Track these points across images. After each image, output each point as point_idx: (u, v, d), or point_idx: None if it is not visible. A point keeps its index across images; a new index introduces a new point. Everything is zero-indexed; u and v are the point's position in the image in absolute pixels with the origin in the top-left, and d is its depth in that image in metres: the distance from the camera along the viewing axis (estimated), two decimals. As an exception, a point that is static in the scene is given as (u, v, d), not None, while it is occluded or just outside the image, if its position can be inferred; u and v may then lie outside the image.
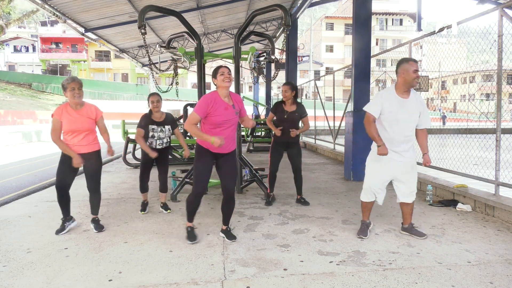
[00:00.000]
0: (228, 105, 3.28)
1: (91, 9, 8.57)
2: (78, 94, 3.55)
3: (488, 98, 31.44)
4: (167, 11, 5.20)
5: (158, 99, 4.31)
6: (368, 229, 3.61)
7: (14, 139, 16.13)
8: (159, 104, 4.31)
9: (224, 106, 3.26)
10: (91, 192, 3.85)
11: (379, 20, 48.65)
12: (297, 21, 12.44)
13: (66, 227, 3.74)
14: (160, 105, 4.33)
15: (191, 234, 3.48)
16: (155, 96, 4.33)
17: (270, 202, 4.80)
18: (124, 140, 8.52)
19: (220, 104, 3.25)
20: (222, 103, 3.26)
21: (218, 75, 3.28)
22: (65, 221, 3.77)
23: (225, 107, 3.26)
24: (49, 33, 47.74)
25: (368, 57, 6.57)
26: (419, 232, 3.54)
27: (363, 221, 3.66)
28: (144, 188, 4.53)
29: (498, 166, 4.31)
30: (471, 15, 4.64)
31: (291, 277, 2.72)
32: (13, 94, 34.82)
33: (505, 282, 2.62)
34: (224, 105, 3.26)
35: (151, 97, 4.33)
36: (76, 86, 3.53)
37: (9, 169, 8.97)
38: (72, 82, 3.54)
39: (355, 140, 6.49)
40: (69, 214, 3.81)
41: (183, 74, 40.97)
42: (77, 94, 3.54)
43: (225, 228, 3.59)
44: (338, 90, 38.69)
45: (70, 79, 3.57)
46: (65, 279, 2.71)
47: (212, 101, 3.22)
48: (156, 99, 4.30)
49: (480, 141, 6.77)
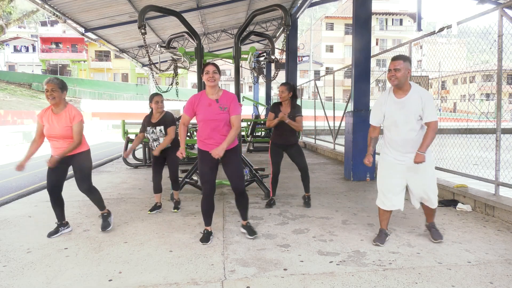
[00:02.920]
0: (211, 101, 3.26)
1: (91, 9, 8.57)
2: (51, 95, 3.38)
3: (488, 98, 31.44)
4: (167, 11, 5.20)
5: (162, 99, 4.35)
6: (386, 238, 3.42)
7: (14, 139, 16.13)
8: (162, 105, 4.35)
9: (208, 102, 3.27)
10: (86, 194, 3.75)
11: (379, 20, 48.65)
12: (297, 21, 12.43)
13: (60, 231, 3.67)
14: (163, 105, 4.38)
15: (203, 237, 3.47)
16: (159, 96, 4.36)
17: (271, 204, 4.73)
18: (124, 140, 8.52)
19: (204, 101, 3.27)
20: (206, 99, 3.28)
21: (204, 73, 3.29)
22: (60, 225, 3.69)
23: (208, 103, 3.27)
24: (49, 33, 47.78)
25: (368, 57, 6.57)
26: (436, 234, 3.42)
27: (382, 229, 3.48)
28: (156, 189, 4.51)
29: (498, 166, 4.31)
30: (471, 15, 4.64)
31: (291, 277, 2.72)
32: (13, 94, 34.82)
33: (505, 282, 2.62)
34: (207, 101, 3.27)
35: (156, 97, 4.33)
36: (49, 88, 3.37)
37: (9, 169, 8.96)
38: (46, 84, 3.40)
39: (355, 140, 6.49)
40: (64, 219, 3.73)
41: (183, 74, 40.98)
42: (50, 95, 3.38)
43: (245, 223, 3.62)
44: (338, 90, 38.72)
45: (46, 80, 3.43)
46: (65, 279, 2.71)
47: (197, 99, 3.30)
48: (161, 99, 4.34)
49: (480, 141, 6.77)
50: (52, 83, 3.40)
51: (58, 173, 3.58)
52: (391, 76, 3.17)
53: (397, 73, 3.13)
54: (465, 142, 7.16)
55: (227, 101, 3.32)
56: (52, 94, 3.39)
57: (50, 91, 3.39)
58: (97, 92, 39.20)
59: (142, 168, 8.17)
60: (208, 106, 3.26)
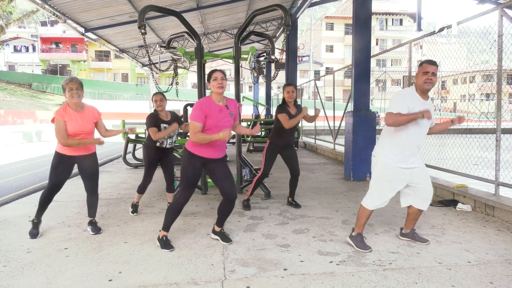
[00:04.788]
0: (222, 107, 3.25)
1: (91, 9, 8.57)
2: (77, 94, 3.49)
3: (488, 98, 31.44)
4: (167, 11, 5.20)
5: (162, 98, 4.30)
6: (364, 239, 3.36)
7: (15, 139, 16.14)
8: (162, 103, 4.29)
9: (219, 108, 3.23)
10: (89, 193, 3.81)
11: (379, 20, 48.66)
12: (297, 21, 12.44)
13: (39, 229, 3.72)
14: (163, 104, 4.31)
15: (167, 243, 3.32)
16: (158, 95, 4.33)
17: (247, 206, 4.59)
18: (124, 140, 8.52)
19: (215, 107, 3.21)
20: (216, 106, 3.22)
21: (211, 80, 3.22)
22: (38, 222, 3.75)
23: (219, 109, 3.22)
24: (49, 33, 47.76)
25: (368, 57, 6.57)
26: (422, 238, 3.39)
27: (360, 233, 3.31)
28: (142, 189, 4.45)
29: (498, 166, 4.31)
30: (471, 15, 4.64)
31: (291, 277, 2.72)
32: (13, 94, 34.82)
33: (505, 282, 2.62)
34: (218, 107, 3.23)
35: (155, 96, 4.33)
36: (74, 86, 3.48)
37: (9, 169, 8.97)
38: (70, 82, 3.49)
39: (355, 140, 6.49)
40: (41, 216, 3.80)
41: (183, 74, 41.00)
42: (75, 94, 3.48)
43: (219, 230, 3.51)
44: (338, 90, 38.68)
45: (69, 79, 3.53)
46: (65, 279, 2.71)
47: (207, 105, 3.18)
48: (160, 98, 4.29)
49: (480, 141, 6.77)
50: (77, 82, 3.52)
51: (62, 172, 3.62)
52: (428, 79, 3.04)
53: (433, 77, 3.05)
54: (465, 142, 7.16)
55: (234, 108, 3.37)
56: (77, 92, 3.49)
57: (75, 89, 3.48)
58: (97, 92, 39.18)
59: (142, 168, 8.17)
60: (219, 113, 3.22)
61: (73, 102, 3.53)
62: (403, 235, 3.49)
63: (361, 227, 3.31)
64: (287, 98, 4.45)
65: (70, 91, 3.47)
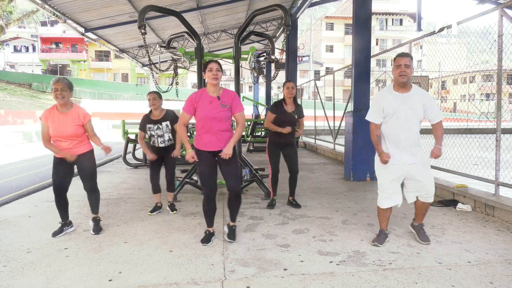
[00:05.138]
0: (213, 98, 3.22)
1: (91, 9, 8.57)
2: (61, 95, 3.41)
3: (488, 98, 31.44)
4: (167, 11, 5.20)
5: (155, 97, 4.29)
6: (385, 239, 3.39)
7: (15, 139, 16.13)
8: (155, 102, 4.28)
9: (209, 99, 3.21)
10: (88, 192, 3.80)
11: (379, 20, 48.66)
12: (297, 21, 12.44)
13: (64, 230, 3.69)
14: (157, 102, 4.29)
15: (205, 237, 3.43)
16: (151, 94, 4.34)
17: (272, 205, 4.69)
18: (124, 140, 8.52)
19: (205, 99, 3.21)
20: (207, 97, 3.22)
21: (207, 70, 3.24)
22: (64, 225, 3.72)
23: (209, 100, 3.21)
24: (49, 33, 47.78)
25: (368, 57, 6.57)
26: (424, 236, 3.40)
27: (382, 230, 3.45)
28: (155, 189, 4.50)
29: (498, 166, 4.31)
30: (471, 15, 4.64)
31: (291, 277, 2.72)
32: (13, 94, 34.82)
33: (505, 282, 2.62)
34: (209, 99, 3.22)
35: (148, 95, 4.36)
36: (59, 87, 3.40)
37: (9, 169, 8.97)
38: (56, 83, 3.42)
39: (355, 140, 6.49)
40: (68, 218, 3.76)
41: (183, 74, 40.98)
42: (59, 95, 3.40)
43: (232, 224, 3.55)
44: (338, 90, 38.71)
45: (56, 79, 3.45)
46: (65, 279, 2.71)
47: (198, 97, 3.23)
48: (153, 97, 4.28)
49: (480, 141, 6.76)
50: (62, 83, 3.44)
51: (62, 173, 3.60)
52: (402, 72, 3.08)
53: (407, 69, 3.08)
54: (465, 142, 7.16)
55: (228, 99, 3.29)
56: (62, 93, 3.43)
57: (60, 90, 3.41)
58: (97, 92, 39.18)
59: (142, 168, 8.17)
60: (209, 104, 3.20)
61: (58, 104, 3.48)
62: (412, 225, 3.58)
63: (381, 224, 3.47)
64: (286, 94, 4.51)
65: (55, 91, 3.42)
